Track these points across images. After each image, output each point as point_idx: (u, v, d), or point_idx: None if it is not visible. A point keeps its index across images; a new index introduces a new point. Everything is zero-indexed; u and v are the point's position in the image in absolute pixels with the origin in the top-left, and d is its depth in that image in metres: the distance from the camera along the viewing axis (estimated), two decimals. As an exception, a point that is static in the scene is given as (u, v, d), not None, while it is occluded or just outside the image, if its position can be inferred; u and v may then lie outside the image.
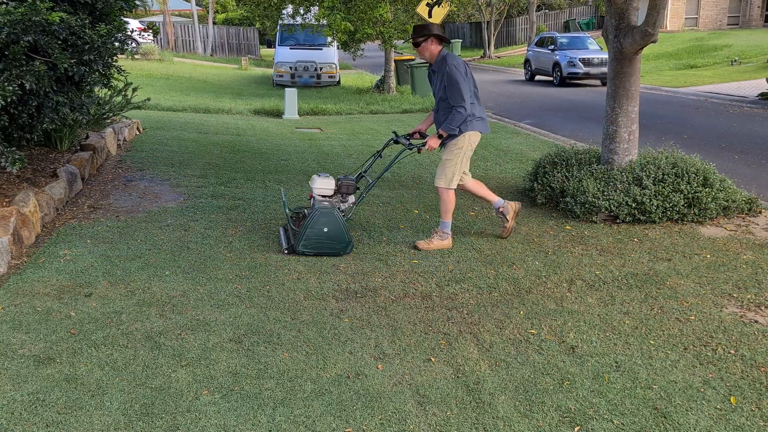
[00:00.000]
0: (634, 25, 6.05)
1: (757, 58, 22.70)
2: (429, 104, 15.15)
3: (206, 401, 3.07)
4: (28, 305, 3.97)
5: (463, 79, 4.99)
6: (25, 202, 5.09)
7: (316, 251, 4.99)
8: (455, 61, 5.04)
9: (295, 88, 14.95)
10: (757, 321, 3.96)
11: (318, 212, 4.95)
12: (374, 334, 3.77)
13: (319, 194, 5.21)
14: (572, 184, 6.13)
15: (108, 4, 6.41)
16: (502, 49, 38.96)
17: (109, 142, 8.23)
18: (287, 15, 18.56)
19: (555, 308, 4.15)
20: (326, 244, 4.99)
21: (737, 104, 14.93)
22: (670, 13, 32.89)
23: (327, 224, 4.95)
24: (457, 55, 5.24)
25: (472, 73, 5.20)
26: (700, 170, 5.99)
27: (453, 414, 3.03)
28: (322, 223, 4.94)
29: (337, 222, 4.98)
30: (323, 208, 4.99)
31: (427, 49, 5.15)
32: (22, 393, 3.08)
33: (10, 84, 4.94)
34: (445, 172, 5.19)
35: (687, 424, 2.95)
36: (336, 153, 9.36)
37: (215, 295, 4.22)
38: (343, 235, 5.01)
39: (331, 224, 4.96)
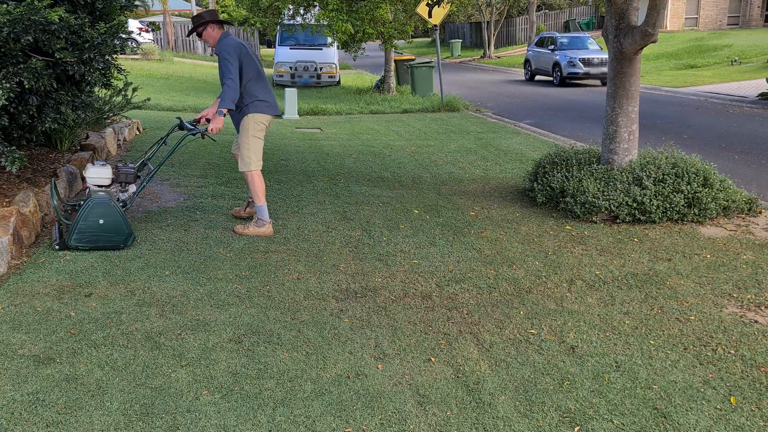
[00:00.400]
0: (634, 25, 6.05)
1: (757, 58, 22.71)
2: (429, 104, 15.16)
3: (206, 401, 3.07)
4: (28, 305, 3.98)
5: (232, 57, 5.13)
6: (25, 202, 5.09)
7: (91, 245, 4.81)
8: (226, 41, 5.21)
9: (295, 88, 14.94)
10: (757, 321, 3.96)
11: (92, 203, 4.75)
12: (374, 334, 3.77)
13: (93, 184, 5.04)
14: (572, 184, 6.13)
15: (108, 4, 6.41)
16: (502, 49, 38.97)
17: (109, 142, 8.23)
18: (287, 15, 18.57)
19: (555, 308, 4.15)
20: (102, 236, 4.80)
21: (737, 104, 14.93)
22: (670, 13, 32.90)
23: (102, 215, 4.76)
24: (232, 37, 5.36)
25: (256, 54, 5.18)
26: (700, 170, 5.99)
27: (453, 414, 3.03)
28: (96, 215, 4.75)
29: (115, 213, 4.78)
30: (98, 198, 4.78)
31: (210, 36, 5.31)
32: (22, 393, 3.08)
33: (8, 81, 4.93)
34: (242, 156, 5.35)
35: (687, 424, 2.96)
36: (336, 153, 9.36)
37: (215, 295, 4.23)
38: (121, 227, 4.83)
39: (107, 215, 4.76)
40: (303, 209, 6.26)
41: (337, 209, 6.30)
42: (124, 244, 4.92)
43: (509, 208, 6.40)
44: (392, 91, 18.00)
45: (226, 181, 7.25)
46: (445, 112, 14.49)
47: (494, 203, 6.60)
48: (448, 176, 7.87)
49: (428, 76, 17.17)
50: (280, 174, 7.77)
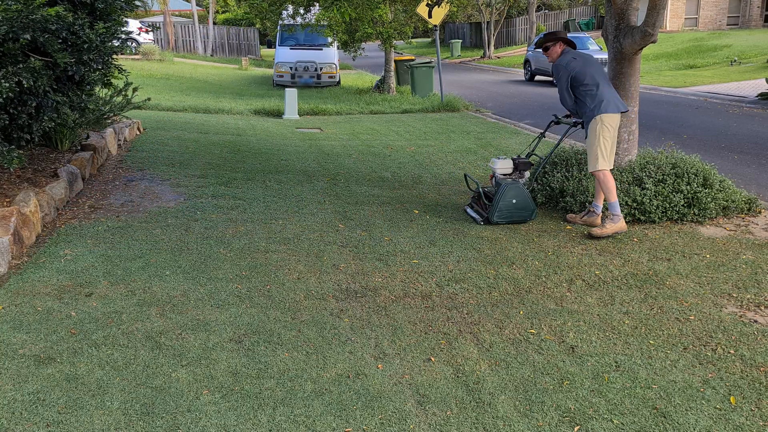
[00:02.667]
0: (634, 26, 6.06)
1: (756, 58, 22.71)
2: (429, 104, 15.15)
3: (206, 401, 3.07)
4: (29, 305, 3.98)
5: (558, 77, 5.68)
6: (25, 202, 5.09)
7: (507, 220, 5.82)
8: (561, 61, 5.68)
9: (295, 88, 14.95)
10: (757, 321, 3.97)
11: (506, 187, 5.77)
12: (374, 334, 3.77)
13: (500, 173, 6.10)
14: (572, 184, 6.13)
15: (108, 4, 6.42)
16: (502, 50, 38.97)
17: (109, 142, 8.24)
18: (287, 15, 18.57)
19: (555, 308, 4.16)
20: (516, 213, 5.82)
21: (737, 104, 14.93)
22: (669, 13, 32.90)
23: (515, 196, 5.77)
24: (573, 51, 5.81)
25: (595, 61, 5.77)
26: (699, 170, 6.00)
27: (453, 414, 3.03)
28: (510, 196, 5.76)
29: (523, 193, 5.81)
30: (509, 183, 5.82)
31: (553, 52, 5.79)
32: (23, 393, 3.09)
33: (7, 81, 4.94)
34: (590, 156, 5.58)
35: (687, 424, 2.96)
36: (336, 153, 9.36)
37: (215, 295, 4.23)
38: (528, 204, 5.84)
39: (518, 195, 5.78)
40: (303, 209, 6.26)
41: (337, 209, 6.30)
42: (530, 217, 5.88)
43: (509, 208, 6.40)
44: (392, 92, 18.00)
45: (226, 181, 7.25)
46: (445, 113, 14.49)
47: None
48: (448, 176, 7.87)
49: (428, 77, 17.17)
50: (281, 174, 7.77)
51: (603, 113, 5.46)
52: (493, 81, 23.75)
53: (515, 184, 5.82)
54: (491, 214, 5.78)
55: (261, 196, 6.67)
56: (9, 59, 5.06)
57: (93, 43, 5.56)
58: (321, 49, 20.39)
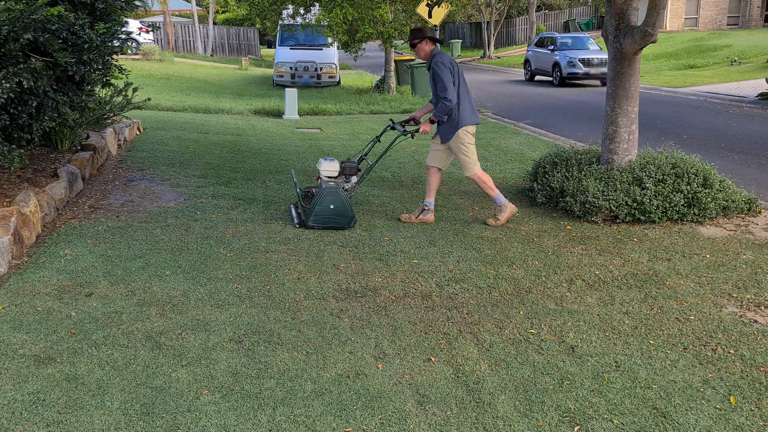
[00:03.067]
0: (634, 26, 6.06)
1: (756, 58, 22.71)
2: (429, 104, 15.13)
3: (206, 401, 3.07)
4: (29, 305, 3.98)
5: (446, 74, 5.62)
6: (25, 202, 5.09)
7: (323, 225, 5.62)
8: (441, 59, 5.68)
9: (295, 88, 14.95)
10: (757, 321, 3.97)
11: (324, 192, 5.60)
12: (374, 334, 3.77)
13: (325, 175, 5.90)
14: (572, 184, 6.13)
15: (108, 4, 6.42)
16: (501, 50, 38.97)
17: (109, 142, 8.24)
18: (287, 15, 18.56)
19: (555, 308, 4.16)
20: (333, 219, 5.62)
21: (737, 104, 14.94)
22: (669, 13, 32.90)
23: (333, 201, 5.58)
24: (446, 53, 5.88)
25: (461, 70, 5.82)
26: (699, 170, 6.00)
27: (453, 414, 3.03)
28: (329, 201, 5.58)
29: (342, 199, 5.62)
30: (330, 188, 5.63)
31: (422, 49, 5.80)
32: (23, 393, 3.09)
33: (8, 81, 4.94)
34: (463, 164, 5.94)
35: (687, 424, 2.96)
36: (336, 153, 9.36)
37: (215, 295, 4.23)
38: (347, 211, 5.64)
39: (336, 201, 5.59)
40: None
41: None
42: (348, 225, 5.69)
43: (509, 208, 6.40)
44: (392, 92, 18.00)
45: (226, 181, 7.25)
46: (445, 112, 14.46)
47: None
48: (448, 176, 7.87)
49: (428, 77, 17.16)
50: (281, 174, 7.77)
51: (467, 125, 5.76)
52: (493, 81, 23.75)
53: (335, 189, 5.61)
54: (307, 218, 5.61)
55: (261, 196, 6.67)
56: (10, 60, 5.06)
57: (93, 43, 5.56)
58: (321, 49, 20.39)
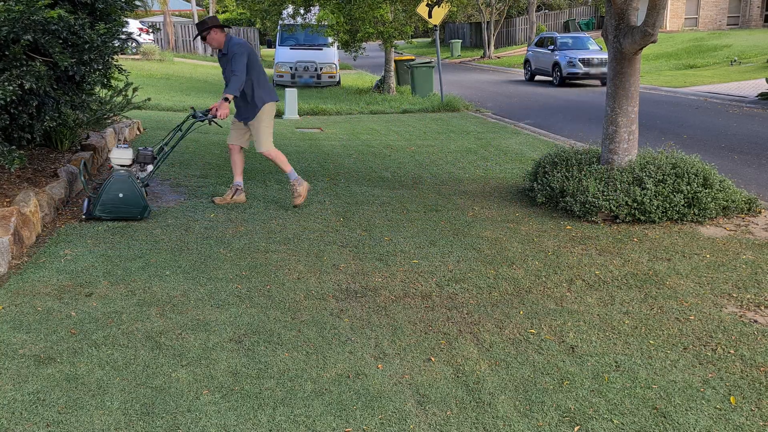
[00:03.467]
0: (634, 26, 6.06)
1: (756, 58, 22.71)
2: (429, 104, 15.16)
3: (206, 401, 3.07)
4: (29, 305, 3.98)
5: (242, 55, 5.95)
6: (25, 202, 5.09)
7: (112, 215, 5.50)
8: (236, 41, 6.04)
9: (295, 88, 14.94)
10: (757, 321, 3.97)
11: (113, 179, 5.45)
12: (374, 334, 3.77)
13: (117, 164, 5.68)
14: (572, 184, 6.13)
15: (108, 5, 6.42)
16: (501, 50, 38.97)
17: (109, 142, 8.24)
18: (287, 15, 18.56)
19: (555, 308, 4.16)
20: (122, 208, 5.49)
21: (737, 104, 14.94)
22: (669, 13, 32.90)
23: (122, 190, 5.45)
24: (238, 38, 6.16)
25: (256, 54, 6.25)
26: (700, 170, 6.00)
27: (453, 414, 3.03)
28: (116, 189, 5.45)
29: (133, 188, 5.48)
30: (118, 175, 5.47)
31: (215, 39, 6.06)
32: (23, 393, 3.09)
33: (11, 84, 4.94)
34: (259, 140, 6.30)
35: (687, 424, 2.96)
36: (336, 153, 9.37)
37: (215, 295, 4.23)
38: (138, 200, 5.51)
39: (126, 190, 5.45)
40: (303, 209, 6.26)
41: (337, 209, 6.30)
42: (141, 216, 5.55)
43: (509, 208, 6.41)
44: (392, 91, 18.00)
45: (226, 181, 7.25)
46: (445, 112, 14.49)
47: (494, 203, 6.60)
48: (448, 176, 7.87)
49: (428, 76, 17.17)
50: (281, 174, 7.77)
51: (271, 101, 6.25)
52: (493, 81, 23.75)
53: (124, 177, 5.46)
54: (94, 207, 5.48)
55: (261, 196, 6.67)
56: (13, 62, 5.06)
57: (94, 44, 5.56)
58: (321, 49, 20.39)
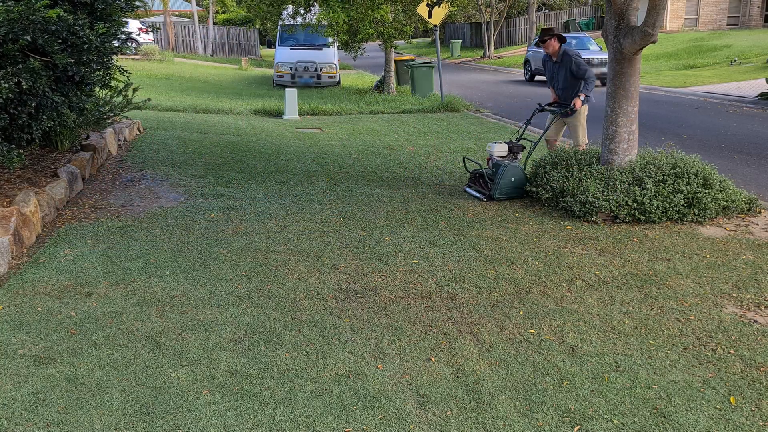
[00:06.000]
0: (634, 26, 6.05)
1: (756, 59, 22.71)
2: (429, 104, 15.15)
3: (206, 401, 3.07)
4: (29, 305, 3.98)
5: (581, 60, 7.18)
6: (25, 202, 5.09)
7: (507, 196, 6.65)
8: (572, 50, 7.21)
9: (295, 88, 14.95)
10: (757, 321, 3.97)
11: (508, 168, 6.65)
12: (374, 334, 3.77)
13: (498, 155, 6.91)
14: (572, 184, 6.13)
15: (108, 5, 6.42)
16: (502, 50, 38.96)
17: (109, 142, 8.24)
18: (287, 15, 18.55)
19: (555, 308, 4.16)
20: (513, 190, 6.67)
21: (737, 104, 14.93)
22: (669, 13, 32.90)
23: (514, 175, 6.64)
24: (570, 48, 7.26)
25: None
26: (700, 171, 5.99)
27: (453, 414, 3.03)
28: (510, 175, 6.63)
29: (521, 174, 6.70)
30: (511, 165, 6.68)
31: (551, 45, 7.21)
32: (23, 393, 3.09)
33: (7, 82, 4.94)
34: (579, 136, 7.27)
35: (687, 424, 2.96)
36: (336, 153, 9.37)
37: (215, 295, 4.23)
38: (524, 183, 6.69)
39: (516, 175, 6.66)
40: (303, 209, 6.26)
41: (337, 209, 6.30)
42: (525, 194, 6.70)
43: (509, 208, 6.41)
44: (392, 92, 18.00)
45: (226, 181, 7.25)
46: (445, 113, 14.49)
47: (494, 203, 6.60)
48: (448, 176, 7.87)
49: (428, 77, 17.17)
50: (281, 174, 7.77)
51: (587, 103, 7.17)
52: (493, 81, 23.75)
53: (514, 165, 6.67)
54: (494, 192, 6.59)
55: (261, 196, 6.67)
56: (8, 60, 5.06)
57: (93, 44, 5.56)
58: (321, 50, 20.38)
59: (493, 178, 6.71)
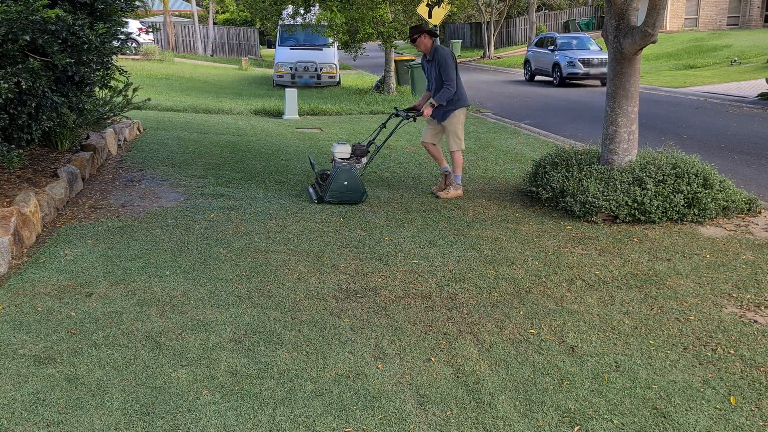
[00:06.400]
0: (634, 26, 6.06)
1: (756, 59, 22.71)
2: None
3: (206, 401, 3.07)
4: (29, 305, 3.98)
5: (452, 64, 6.69)
6: (25, 202, 5.09)
7: (338, 200, 6.38)
8: (443, 50, 6.74)
9: (295, 88, 14.94)
10: (757, 321, 3.97)
11: (339, 170, 6.36)
12: (374, 334, 3.77)
13: (338, 157, 6.64)
14: (572, 184, 6.13)
15: (108, 5, 6.42)
16: (502, 50, 38.97)
17: (109, 142, 8.24)
18: (287, 15, 18.55)
19: (555, 308, 4.16)
20: (346, 194, 6.38)
21: (737, 104, 14.93)
22: (669, 13, 32.90)
23: (347, 179, 6.36)
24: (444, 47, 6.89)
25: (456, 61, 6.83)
26: (700, 171, 6.00)
27: (453, 414, 3.03)
28: (342, 179, 6.35)
29: (355, 177, 6.39)
30: (343, 167, 6.39)
31: (423, 43, 6.73)
32: (23, 393, 3.09)
33: (6, 82, 4.94)
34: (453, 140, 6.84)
35: (687, 424, 2.96)
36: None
37: (215, 295, 4.23)
38: (359, 188, 6.42)
39: (350, 179, 6.37)
40: (303, 209, 6.26)
41: (338, 209, 6.30)
42: (360, 200, 6.47)
43: (509, 208, 6.41)
44: (392, 92, 18.00)
45: (226, 181, 7.25)
46: (445, 113, 14.47)
47: (494, 203, 6.60)
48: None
49: (428, 77, 17.15)
50: (281, 174, 7.77)
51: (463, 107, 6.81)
52: (493, 81, 23.75)
53: (348, 167, 6.39)
54: (324, 194, 6.39)
55: (261, 196, 6.67)
56: (8, 60, 5.06)
57: (93, 44, 5.56)
58: (321, 50, 20.39)
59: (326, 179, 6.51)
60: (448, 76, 6.58)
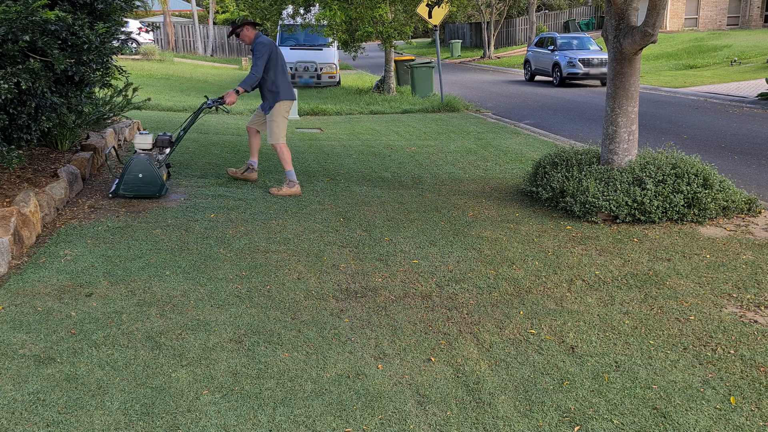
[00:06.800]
0: (634, 26, 6.06)
1: (756, 59, 22.71)
2: (429, 104, 15.16)
3: (206, 401, 3.07)
4: (29, 305, 3.98)
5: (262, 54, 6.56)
6: (25, 202, 5.09)
7: (133, 194, 6.11)
8: (261, 40, 6.64)
9: (295, 88, 14.93)
10: (757, 321, 3.97)
11: (133, 161, 6.06)
12: (374, 334, 3.77)
13: (139, 148, 6.29)
14: (572, 184, 6.14)
15: (108, 5, 6.42)
16: (501, 50, 38.97)
17: (109, 142, 8.23)
18: (287, 15, 18.55)
19: (555, 308, 4.16)
20: (142, 187, 6.09)
21: (737, 104, 14.94)
22: (669, 13, 32.91)
23: (141, 171, 6.04)
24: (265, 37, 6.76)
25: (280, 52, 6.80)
26: (700, 171, 6.00)
27: (453, 414, 3.03)
28: (137, 170, 6.03)
29: (150, 169, 6.07)
30: (138, 158, 6.08)
31: (246, 36, 6.73)
32: (23, 393, 3.09)
33: (6, 82, 4.94)
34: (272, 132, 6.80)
35: (687, 424, 2.96)
36: (336, 153, 9.37)
37: (215, 295, 4.23)
38: (155, 180, 6.08)
39: (145, 171, 6.04)
40: (303, 209, 6.26)
41: (337, 209, 6.30)
42: (159, 194, 6.15)
43: (509, 208, 6.41)
44: (392, 92, 18.00)
45: (226, 181, 7.25)
46: (445, 113, 14.49)
47: (494, 203, 6.60)
48: (448, 176, 7.87)
49: (428, 77, 17.17)
50: (281, 174, 7.77)
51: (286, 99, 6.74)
52: (493, 81, 23.75)
53: (142, 159, 6.06)
54: (118, 187, 6.12)
55: (261, 196, 6.67)
56: (8, 60, 5.06)
57: (93, 44, 5.56)
58: (321, 49, 20.39)
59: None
60: (255, 64, 6.56)
